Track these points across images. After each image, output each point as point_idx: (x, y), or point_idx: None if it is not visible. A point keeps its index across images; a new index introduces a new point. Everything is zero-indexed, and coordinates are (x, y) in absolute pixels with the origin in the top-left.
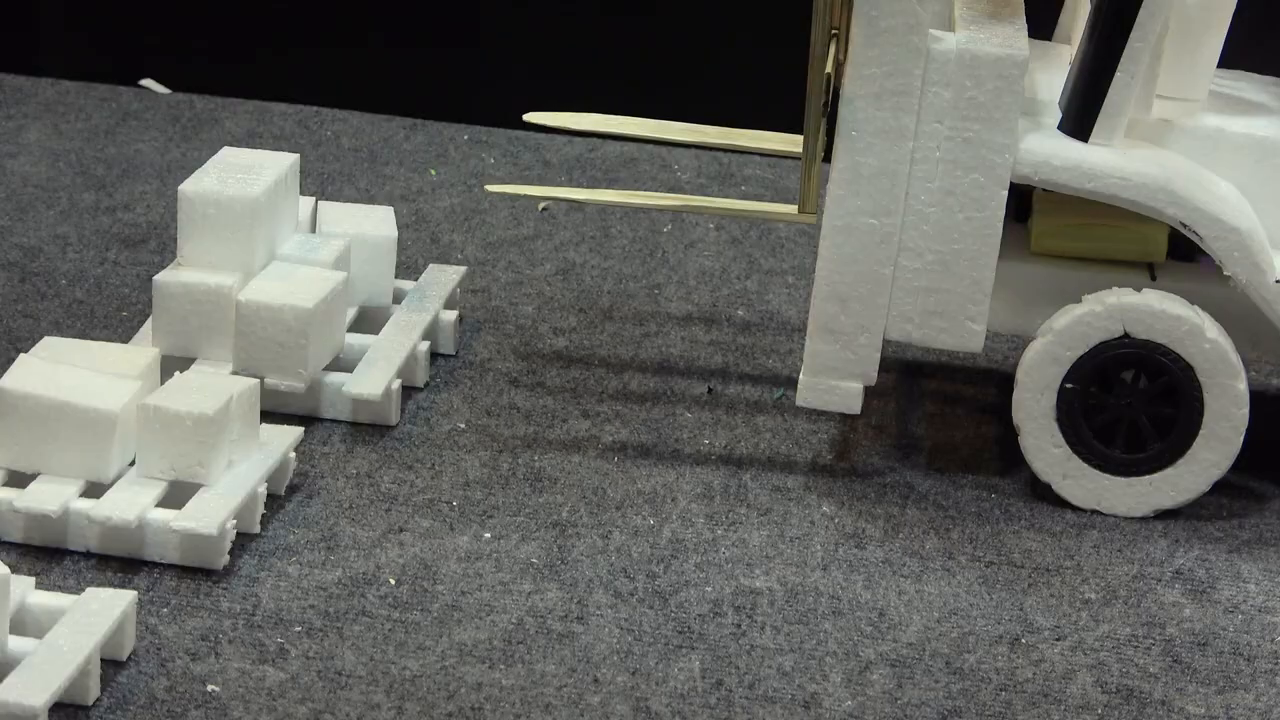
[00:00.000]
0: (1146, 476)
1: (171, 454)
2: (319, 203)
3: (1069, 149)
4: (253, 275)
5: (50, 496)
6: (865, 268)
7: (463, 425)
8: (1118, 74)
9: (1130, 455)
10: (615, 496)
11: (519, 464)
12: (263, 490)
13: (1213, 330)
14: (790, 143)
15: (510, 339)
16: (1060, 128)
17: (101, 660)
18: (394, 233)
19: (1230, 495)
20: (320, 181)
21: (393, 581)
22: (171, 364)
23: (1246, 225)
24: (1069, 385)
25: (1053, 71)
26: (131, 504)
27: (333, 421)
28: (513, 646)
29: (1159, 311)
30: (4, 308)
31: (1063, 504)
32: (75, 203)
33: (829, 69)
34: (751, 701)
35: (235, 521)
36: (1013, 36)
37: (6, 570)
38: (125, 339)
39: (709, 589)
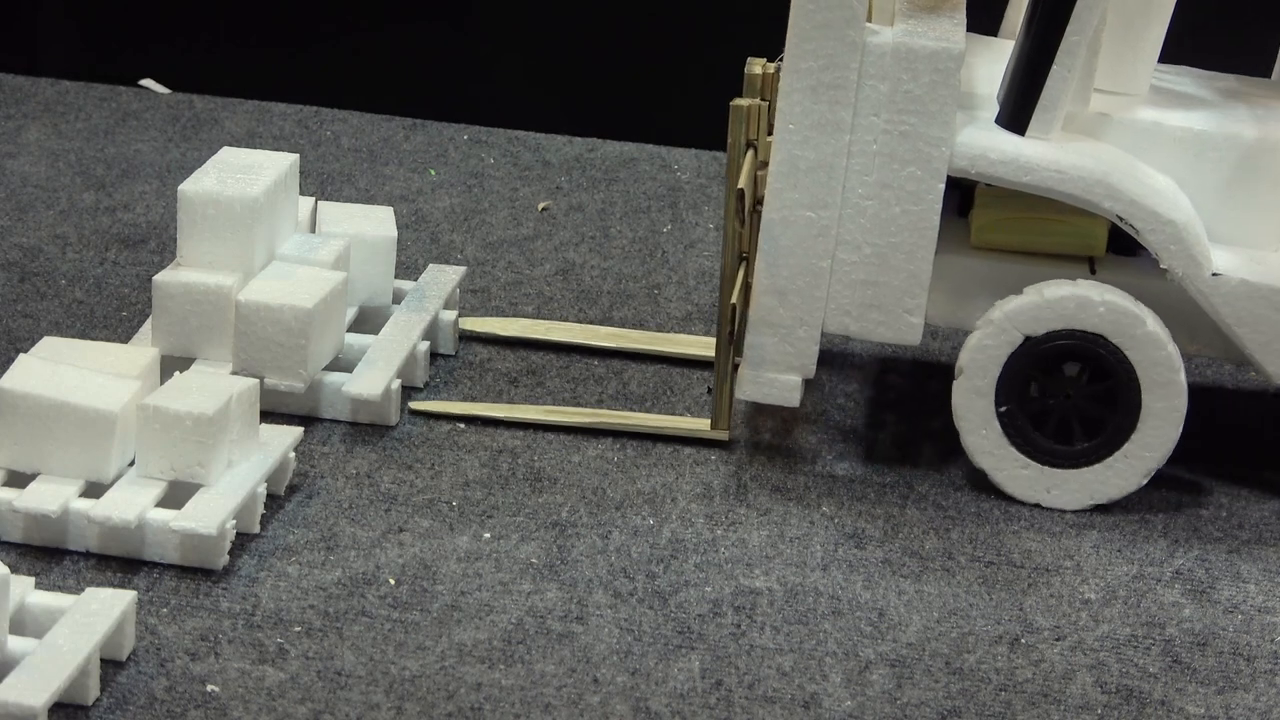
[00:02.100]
0: (1086, 469)
1: (171, 454)
2: (319, 203)
3: (1006, 142)
4: (252, 275)
5: (50, 496)
6: (803, 261)
7: (463, 425)
8: (1054, 67)
9: (1070, 448)
10: (615, 496)
11: (519, 464)
12: (262, 490)
13: (1151, 322)
14: (710, 346)
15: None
16: (997, 121)
17: (101, 660)
18: (394, 233)
19: (1230, 495)
20: (320, 181)
21: (392, 581)
22: (171, 364)
23: (1183, 218)
24: (1008, 378)
25: (995, 66)
26: (131, 504)
27: (332, 421)
28: (512, 646)
29: (1097, 303)
30: (4, 308)
31: (1063, 504)
32: (75, 203)
33: (734, 300)
34: (751, 701)
35: (235, 521)
36: (950, 30)
37: (6, 570)
38: (125, 339)
39: (709, 589)
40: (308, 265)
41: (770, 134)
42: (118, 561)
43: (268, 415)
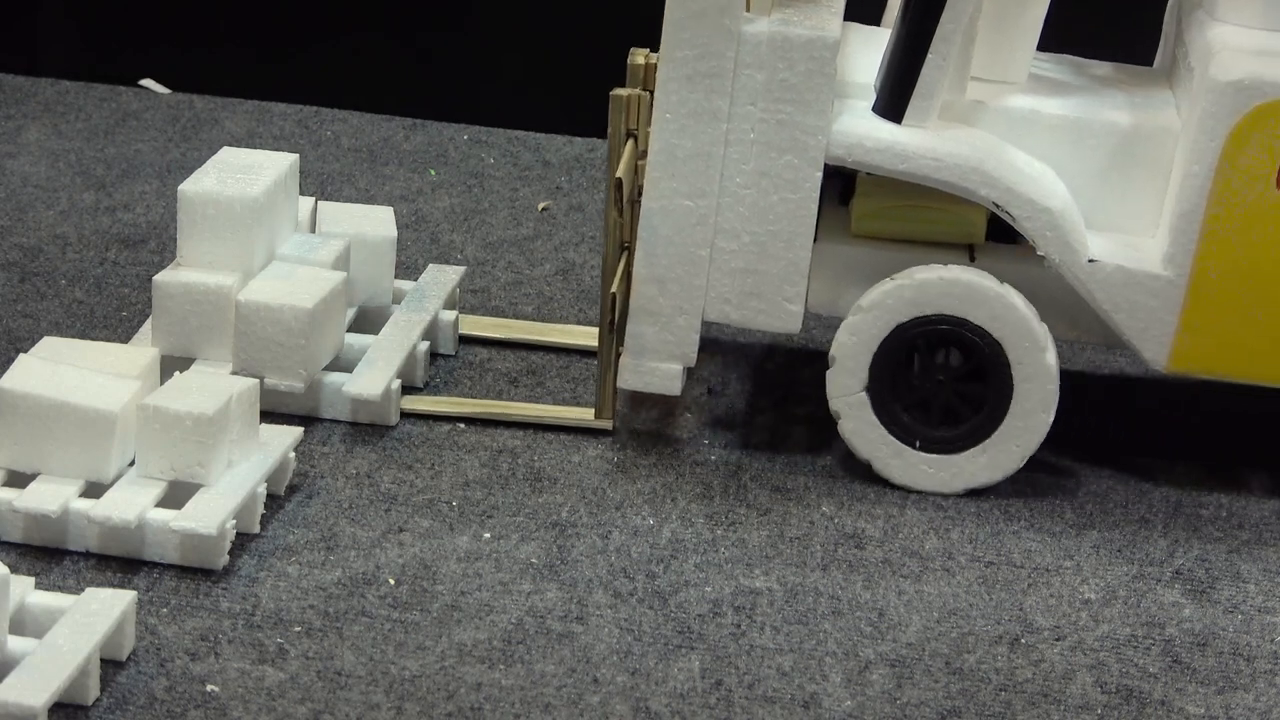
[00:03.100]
0: (960, 454)
1: (171, 454)
2: (318, 203)
3: (882, 130)
4: (252, 275)
5: (50, 496)
6: (682, 249)
7: (463, 425)
8: (929, 56)
9: (945, 432)
10: (615, 496)
11: (519, 464)
12: (262, 490)
13: (1021, 306)
14: (591, 337)
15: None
16: (874, 109)
17: (101, 660)
18: (393, 233)
19: (1230, 495)
20: (320, 181)
21: (392, 581)
22: (171, 364)
23: (1059, 205)
24: (879, 365)
25: (874, 54)
26: (131, 504)
27: (332, 421)
28: (512, 646)
29: (965, 286)
30: (4, 308)
31: (1062, 503)
32: (75, 203)
33: (615, 289)
34: (751, 701)
35: (235, 521)
36: (826, 19)
37: (6, 570)
38: (125, 339)
39: (709, 589)
40: (308, 265)
41: None
42: (118, 561)
43: (268, 415)
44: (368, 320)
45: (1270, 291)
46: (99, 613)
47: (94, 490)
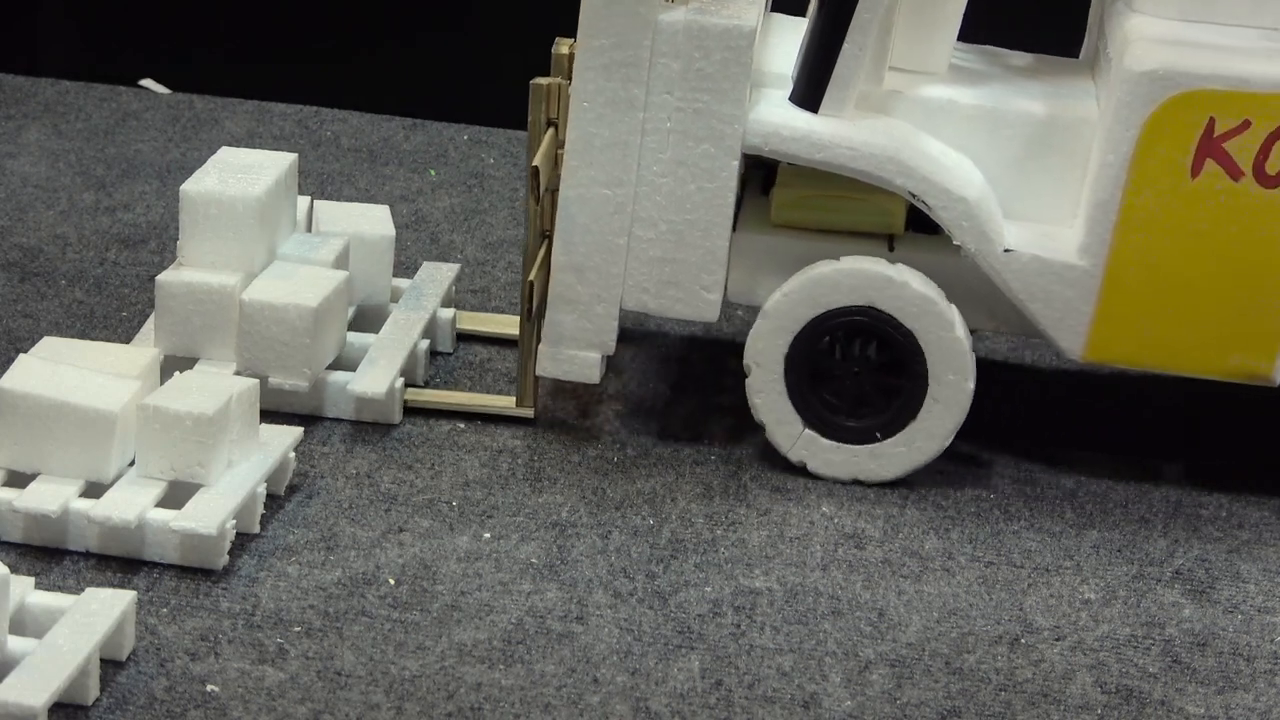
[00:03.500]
0: (919, 416)
1: (171, 454)
2: (316, 202)
3: (798, 119)
4: (254, 275)
5: (50, 496)
6: (600, 238)
7: (462, 425)
8: (846, 45)
9: (893, 409)
10: (615, 496)
11: (519, 464)
12: (262, 490)
13: (864, 265)
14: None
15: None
16: (791, 99)
17: (101, 660)
18: (391, 232)
19: (1230, 495)
20: (320, 181)
21: (392, 581)
22: (174, 364)
23: (974, 195)
24: (799, 397)
25: (795, 44)
26: (131, 504)
27: (334, 421)
28: (512, 646)
29: (811, 285)
30: (4, 308)
31: (1062, 503)
32: (75, 203)
33: (533, 277)
34: (751, 701)
35: (235, 521)
36: (743, 9)
37: (6, 570)
38: (125, 339)
39: (709, 589)
40: (309, 265)
41: None
42: (118, 561)
43: (272, 415)
44: (365, 319)
45: (1185, 281)
46: (99, 613)
47: (94, 490)
